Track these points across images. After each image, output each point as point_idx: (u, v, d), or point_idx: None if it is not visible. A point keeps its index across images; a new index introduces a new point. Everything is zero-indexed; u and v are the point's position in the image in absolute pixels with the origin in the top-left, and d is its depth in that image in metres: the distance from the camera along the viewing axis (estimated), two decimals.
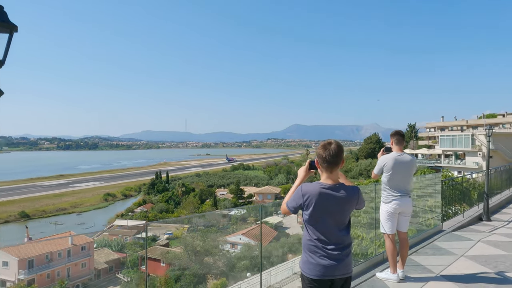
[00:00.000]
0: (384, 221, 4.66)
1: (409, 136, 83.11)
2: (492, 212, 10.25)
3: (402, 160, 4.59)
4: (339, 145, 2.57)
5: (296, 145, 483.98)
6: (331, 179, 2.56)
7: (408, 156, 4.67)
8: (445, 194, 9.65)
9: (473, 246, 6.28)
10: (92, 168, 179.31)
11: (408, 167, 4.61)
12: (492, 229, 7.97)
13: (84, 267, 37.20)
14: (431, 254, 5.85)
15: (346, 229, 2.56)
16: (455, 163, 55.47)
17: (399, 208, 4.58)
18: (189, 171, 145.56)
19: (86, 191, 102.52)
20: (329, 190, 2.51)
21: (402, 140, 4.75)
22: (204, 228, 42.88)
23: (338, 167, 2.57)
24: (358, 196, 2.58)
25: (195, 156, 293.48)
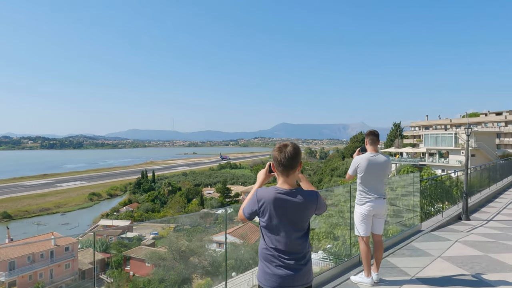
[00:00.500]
0: (358, 223, 4.55)
1: (394, 135, 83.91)
2: (471, 211, 10.29)
3: (376, 161, 4.48)
4: (295, 148, 2.39)
5: None
6: (287, 183, 2.38)
7: (383, 156, 4.55)
8: (427, 192, 9.68)
9: (450, 247, 6.23)
10: (77, 167, 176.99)
11: (382, 168, 4.49)
12: (471, 228, 7.95)
13: (67, 268, 36.64)
14: (408, 255, 5.77)
15: (304, 237, 2.38)
16: (438, 162, 56.18)
17: (373, 210, 4.47)
18: (176, 170, 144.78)
19: (70, 191, 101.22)
20: (285, 195, 2.33)
21: (376, 140, 4.62)
22: (190, 227, 42.60)
23: (295, 170, 2.39)
24: (316, 200, 2.39)
25: (182, 155, 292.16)
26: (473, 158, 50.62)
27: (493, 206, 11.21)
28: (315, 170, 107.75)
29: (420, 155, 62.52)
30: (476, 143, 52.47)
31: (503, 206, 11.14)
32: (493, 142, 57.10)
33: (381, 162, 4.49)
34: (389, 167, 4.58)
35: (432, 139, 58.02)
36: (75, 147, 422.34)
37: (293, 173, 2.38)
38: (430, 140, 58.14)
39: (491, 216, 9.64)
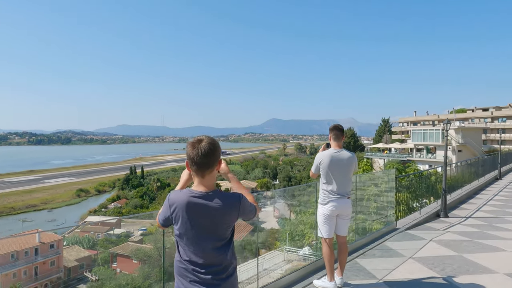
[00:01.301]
0: (321, 224, 4.27)
1: (383, 131, 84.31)
2: (451, 208, 10.14)
3: (339, 158, 4.21)
4: (212, 143, 2.02)
5: (273, 139, 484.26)
6: (203, 185, 2.02)
7: (347, 153, 4.28)
8: (413, 188, 9.51)
9: (424, 247, 6.01)
10: (65, 163, 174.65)
11: (346, 166, 4.22)
12: (448, 226, 7.76)
13: (53, 265, 36.12)
14: (379, 256, 5.53)
15: (224, 247, 2.03)
16: (426, 157, 56.54)
17: (336, 210, 4.20)
18: (165, 166, 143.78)
19: (57, 187, 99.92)
20: (200, 199, 1.98)
21: (340, 136, 4.34)
22: None
23: (212, 170, 2.04)
24: (238, 205, 2.04)
25: (172, 151, 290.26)
26: (460, 154, 51.03)
27: (473, 203, 11.07)
28: (305, 165, 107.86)
29: (408, 151, 62.86)
30: (463, 138, 52.87)
31: (483, 203, 11.01)
32: (480, 137, 57.59)
33: (345, 159, 4.22)
34: (353, 164, 4.31)
35: (420, 135, 58.34)
36: (63, 143, 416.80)
37: (209, 173, 2.03)
38: (418, 135, 58.47)
39: (471, 213, 9.48)
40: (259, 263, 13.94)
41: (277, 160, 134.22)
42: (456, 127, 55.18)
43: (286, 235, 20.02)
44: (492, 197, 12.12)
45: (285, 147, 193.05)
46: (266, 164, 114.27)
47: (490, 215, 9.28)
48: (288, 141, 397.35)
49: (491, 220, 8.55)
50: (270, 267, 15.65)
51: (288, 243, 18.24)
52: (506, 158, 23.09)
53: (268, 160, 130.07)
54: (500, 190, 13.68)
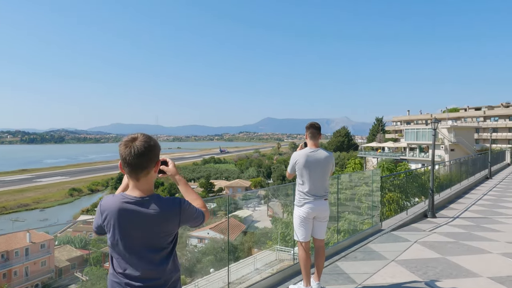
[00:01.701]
0: (297, 227, 4.08)
1: (376, 130, 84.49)
2: (439, 208, 10.01)
3: (315, 157, 4.01)
4: (147, 141, 1.79)
5: (268, 138, 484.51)
6: (138, 189, 1.79)
7: (324, 152, 4.07)
8: (404, 187, 9.36)
9: (408, 249, 5.85)
10: (58, 162, 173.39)
11: (323, 165, 4.02)
12: (434, 227, 7.60)
13: (44, 265, 35.78)
14: (360, 259, 5.35)
15: (163, 259, 1.80)
16: (419, 156, 56.64)
17: (312, 212, 4.00)
18: None
19: (50, 186, 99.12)
20: (134, 205, 1.75)
21: (317, 134, 4.12)
22: None
23: (148, 172, 1.80)
24: (179, 211, 1.81)
25: (166, 150, 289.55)
26: (453, 153, 51.14)
27: (462, 202, 10.95)
28: None
29: (401, 150, 62.98)
30: (456, 137, 53.00)
31: (472, 202, 10.90)
32: (472, 137, 57.77)
33: (321, 159, 4.02)
34: (330, 164, 4.11)
35: (413, 134, 58.46)
36: (56, 142, 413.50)
37: (145, 176, 1.79)
38: (411, 134, 58.57)
39: (459, 213, 9.35)
40: (251, 263, 13.72)
41: (271, 159, 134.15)
42: (449, 126, 55.31)
43: (278, 235, 19.86)
44: (481, 197, 12.03)
45: (279, 146, 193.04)
46: (260, 163, 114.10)
47: (478, 215, 9.16)
48: (283, 140, 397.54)
49: (479, 221, 8.43)
50: (261, 267, 15.47)
51: (279, 243, 18.07)
52: (497, 157, 23.13)
53: (262, 159, 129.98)
54: (489, 190, 13.61)
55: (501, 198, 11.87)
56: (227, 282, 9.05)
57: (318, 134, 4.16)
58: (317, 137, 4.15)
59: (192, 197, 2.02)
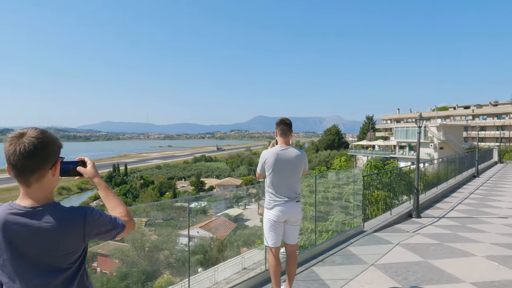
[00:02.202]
0: (266, 231, 3.78)
1: (367, 128, 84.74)
2: (425, 207, 9.82)
3: (285, 156, 3.72)
4: (38, 137, 1.42)
5: (259, 136, 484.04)
6: (29, 197, 1.44)
7: (295, 150, 3.78)
8: (392, 185, 9.13)
9: (389, 252, 5.59)
10: None
11: (293, 165, 3.73)
12: (418, 228, 7.36)
13: None
14: (339, 263, 5.08)
15: (65, 283, 1.44)
16: (408, 154, 56.84)
17: (283, 215, 3.70)
18: (150, 163, 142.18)
19: None
20: (23, 218, 1.39)
21: (287, 131, 3.81)
22: (162, 222, 41.49)
23: (41, 176, 1.43)
24: (83, 223, 1.45)
25: (157, 148, 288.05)
26: (442, 151, 51.39)
27: (448, 201, 10.77)
28: None
29: (391, 148, 63.18)
30: (445, 136, 53.28)
31: (458, 201, 10.73)
32: (461, 135, 58.13)
33: (291, 158, 3.73)
34: (302, 163, 3.81)
35: (403, 132, 58.66)
36: None
37: (37, 180, 1.43)
38: (401, 133, 58.77)
39: (444, 212, 9.15)
40: (239, 262, 13.40)
41: None
42: (438, 125, 55.60)
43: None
44: (467, 195, 11.87)
45: (270, 144, 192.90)
46: (251, 161, 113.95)
47: (464, 214, 8.96)
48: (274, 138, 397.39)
49: (464, 220, 8.23)
50: (249, 266, 15.25)
51: None
52: (485, 155, 23.11)
53: (253, 157, 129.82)
54: (476, 188, 13.47)
55: (488, 196, 11.73)
56: (213, 282, 8.78)
57: (289, 131, 3.85)
58: (288, 134, 3.84)
59: (112, 203, 1.68)
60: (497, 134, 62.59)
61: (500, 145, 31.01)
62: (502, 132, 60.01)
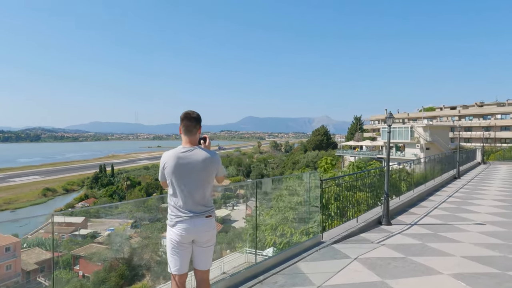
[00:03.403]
0: (169, 254, 3.04)
1: (355, 128, 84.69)
2: (399, 212, 9.17)
3: (189, 159, 2.96)
4: None
5: (249, 137, 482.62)
6: None
7: (202, 152, 3.00)
8: (375, 185, 8.51)
9: (344, 269, 4.88)
10: (33, 161, 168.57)
11: (200, 170, 2.97)
12: (385, 237, 6.68)
13: (9, 269, 34.13)
14: (281, 285, 4.34)
15: None
16: (395, 155, 56.71)
17: (187, 235, 2.95)
18: (138, 163, 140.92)
19: (23, 186, 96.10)
20: None
21: (192, 127, 3.06)
22: (149, 223, 40.60)
23: None
24: None
25: (146, 148, 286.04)
26: (428, 151, 51.31)
27: (424, 206, 10.12)
28: (278, 163, 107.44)
29: (378, 148, 63.01)
30: (431, 136, 53.23)
31: (434, 206, 10.10)
32: (447, 135, 58.17)
33: (197, 161, 2.96)
34: (213, 168, 3.04)
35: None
36: (32, 140, 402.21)
37: None
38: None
39: (417, 218, 8.50)
40: (218, 266, 12.55)
41: (251, 158, 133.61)
42: (424, 125, 55.54)
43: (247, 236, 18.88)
44: (445, 199, 11.26)
45: (260, 144, 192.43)
46: (240, 162, 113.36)
47: (438, 221, 8.32)
48: (264, 138, 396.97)
49: (438, 228, 7.58)
50: (229, 270, 14.50)
51: (248, 244, 17.12)
52: (468, 156, 22.67)
53: (242, 158, 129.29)
54: (455, 191, 12.88)
55: (466, 200, 11.13)
56: (190, 287, 7.95)
57: (195, 128, 3.07)
58: (194, 131, 3.06)
59: None
60: (485, 135, 62.90)
61: (483, 145, 30.71)
62: (487, 132, 60.24)
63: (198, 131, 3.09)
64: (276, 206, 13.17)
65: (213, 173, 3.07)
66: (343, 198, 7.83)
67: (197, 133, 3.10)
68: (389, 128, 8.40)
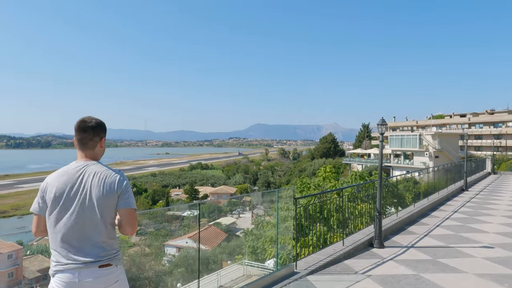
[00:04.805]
0: None
1: (363, 136, 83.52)
2: (396, 231, 8.18)
3: (77, 181, 2.10)
4: None
5: (257, 144, 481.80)
6: None
7: (103, 171, 2.15)
8: (384, 195, 7.61)
9: None
10: (43, 167, 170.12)
11: (94, 197, 2.07)
12: (373, 265, 5.67)
13: (10, 277, 33.61)
14: None
15: None
16: (403, 163, 55.49)
17: None
18: (145, 170, 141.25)
19: (32, 192, 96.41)
20: None
21: (88, 140, 2.22)
22: (154, 231, 39.92)
23: None
24: None
25: (154, 155, 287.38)
26: (437, 160, 49.98)
27: (425, 223, 9.09)
28: (285, 171, 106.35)
29: (386, 156, 61.74)
30: (440, 144, 51.89)
31: (437, 223, 9.07)
32: (457, 143, 56.76)
33: (90, 185, 2.09)
34: (111, 195, 2.10)
35: (398, 140, 57.28)
36: (43, 147, 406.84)
37: None
38: (396, 141, 57.35)
39: (416, 239, 7.48)
40: (215, 279, 11.57)
41: (258, 165, 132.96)
42: (433, 133, 54.25)
43: (246, 248, 17.95)
44: (450, 215, 10.21)
45: (267, 152, 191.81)
46: (247, 169, 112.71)
47: (439, 242, 7.31)
48: (272, 146, 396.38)
49: (437, 252, 6.58)
50: (226, 283, 13.55)
51: (248, 257, 16.19)
52: (477, 165, 21.51)
53: (249, 165, 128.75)
54: (461, 205, 11.78)
55: (474, 216, 10.06)
56: None
57: (92, 140, 2.23)
58: (91, 145, 2.22)
59: None
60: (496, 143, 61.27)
61: (494, 154, 29.43)
62: (498, 140, 58.61)
63: (99, 145, 2.26)
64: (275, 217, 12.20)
65: (113, 201, 2.12)
66: (344, 209, 7.02)
67: (96, 146, 2.25)
68: (381, 136, 7.32)
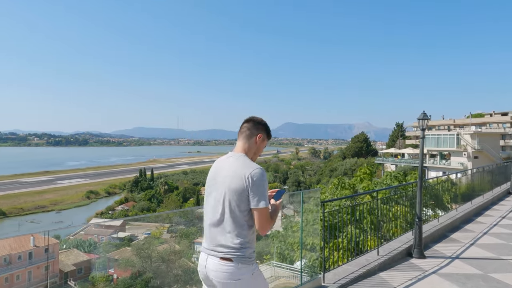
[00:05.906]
0: None
1: (396, 135, 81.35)
2: (436, 239, 7.49)
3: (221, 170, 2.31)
4: None
5: (288, 143, 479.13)
6: None
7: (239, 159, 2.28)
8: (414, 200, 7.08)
9: None
10: (80, 164, 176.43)
11: (226, 185, 2.21)
12: (414, 279, 5.01)
13: (47, 270, 35.14)
14: None
15: None
16: (440, 163, 53.41)
17: (201, 270, 2.24)
18: (177, 168, 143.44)
19: (69, 188, 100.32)
20: None
21: (249, 134, 2.42)
22: (184, 228, 40.62)
23: None
24: None
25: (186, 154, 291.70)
26: (476, 160, 47.81)
27: (470, 230, 8.36)
28: (316, 170, 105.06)
29: None
30: (479, 144, 49.56)
31: (483, 230, 8.31)
32: (498, 143, 54.12)
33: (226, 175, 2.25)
34: (241, 187, 2.13)
35: (433, 140, 55.07)
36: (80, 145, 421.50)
37: None
38: (431, 140, 55.14)
39: (461, 249, 6.81)
40: None
41: (289, 164, 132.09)
42: (472, 132, 51.88)
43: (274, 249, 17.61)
44: (497, 221, 9.38)
45: (297, 151, 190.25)
46: (277, 168, 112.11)
47: (488, 253, 6.62)
48: (303, 145, 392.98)
49: (488, 265, 5.91)
50: None
51: (275, 258, 15.87)
52: None
53: (280, 164, 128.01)
54: (510, 211, 10.88)
55: None
56: None
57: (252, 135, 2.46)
58: (248, 137, 2.44)
59: None
60: None
61: None
62: None
63: (248, 138, 2.43)
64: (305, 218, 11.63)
65: (244, 192, 2.16)
66: (378, 212, 6.51)
67: (247, 141, 2.44)
68: (422, 132, 6.55)
